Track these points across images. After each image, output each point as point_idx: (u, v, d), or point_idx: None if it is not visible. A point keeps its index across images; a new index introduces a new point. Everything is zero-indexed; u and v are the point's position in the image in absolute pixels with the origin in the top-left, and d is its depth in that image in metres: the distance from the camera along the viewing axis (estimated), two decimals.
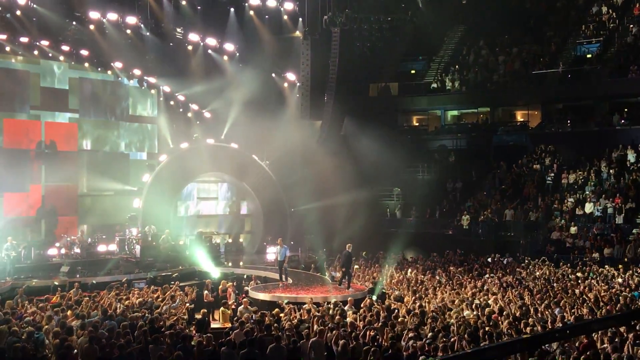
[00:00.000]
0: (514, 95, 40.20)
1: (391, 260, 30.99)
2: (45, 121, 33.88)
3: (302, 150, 34.54)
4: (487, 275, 25.71)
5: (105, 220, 34.65)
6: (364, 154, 34.90)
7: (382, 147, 34.08)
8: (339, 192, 33.60)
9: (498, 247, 32.08)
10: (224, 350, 14.33)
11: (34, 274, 25.46)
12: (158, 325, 16.70)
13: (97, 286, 22.91)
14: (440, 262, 30.11)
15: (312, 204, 34.86)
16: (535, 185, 35.21)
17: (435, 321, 16.56)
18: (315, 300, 20.26)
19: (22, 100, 33.01)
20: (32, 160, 32.92)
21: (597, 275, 24.56)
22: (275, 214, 35.56)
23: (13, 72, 32.69)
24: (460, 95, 41.21)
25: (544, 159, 36.66)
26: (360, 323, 16.76)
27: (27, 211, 32.93)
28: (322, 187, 34.66)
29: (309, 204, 34.97)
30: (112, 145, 36.35)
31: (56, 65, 34.07)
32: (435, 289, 22.91)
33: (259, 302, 21.37)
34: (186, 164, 33.67)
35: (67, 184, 34.22)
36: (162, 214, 32.57)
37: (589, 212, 31.89)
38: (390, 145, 34.64)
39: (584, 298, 19.74)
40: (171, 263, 28.02)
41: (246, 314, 18.07)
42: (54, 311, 17.56)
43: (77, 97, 34.79)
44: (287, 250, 24.30)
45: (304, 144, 34.54)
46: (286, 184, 35.67)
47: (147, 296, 20.65)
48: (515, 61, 40.34)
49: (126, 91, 36.69)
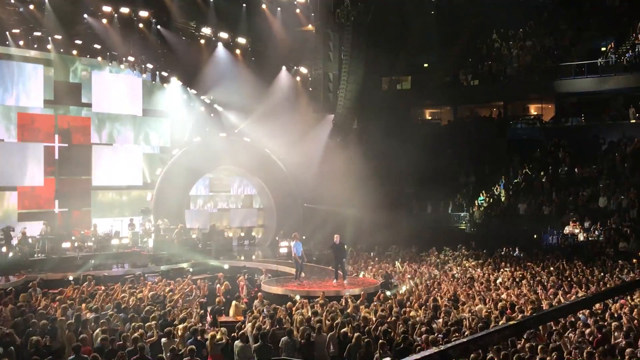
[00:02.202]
0: (527, 89, 39.93)
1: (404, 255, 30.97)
2: (58, 115, 34.03)
3: (315, 144, 34.49)
4: (501, 270, 25.62)
5: (119, 213, 34.81)
6: (376, 147, 34.82)
7: (394, 141, 33.98)
8: (351, 185, 33.55)
9: (511, 241, 31.95)
10: (237, 343, 14.36)
11: (48, 267, 25.59)
12: (170, 318, 16.76)
13: (110, 279, 22.99)
14: (453, 256, 30.06)
15: (325, 198, 34.86)
16: (549, 179, 35.03)
17: (448, 315, 16.52)
18: (327, 294, 20.26)
19: (35, 94, 33.15)
20: (45, 153, 33.07)
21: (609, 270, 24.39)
22: (288, 208, 35.59)
23: (26, 66, 32.82)
24: (473, 88, 41.00)
25: (558, 153, 36.45)
26: (373, 317, 16.73)
27: (41, 204, 33.14)
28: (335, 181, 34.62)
29: (322, 198, 34.97)
30: (125, 138, 36.46)
31: (69, 59, 34.19)
32: (448, 283, 22.86)
33: (271, 296, 21.39)
34: (199, 157, 33.73)
35: (81, 178, 34.38)
36: (175, 207, 32.68)
37: (603, 206, 31.68)
38: (402, 138, 34.53)
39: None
40: (184, 256, 28.09)
41: (259, 308, 18.08)
42: (68, 304, 17.65)
43: (90, 91, 34.92)
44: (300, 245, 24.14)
45: (317, 137, 34.50)
46: (299, 178, 35.67)
47: (159, 290, 20.70)
48: (529, 54, 40.08)
49: (139, 85, 36.77)
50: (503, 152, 38.52)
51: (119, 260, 27.21)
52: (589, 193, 32.70)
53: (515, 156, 37.77)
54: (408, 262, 28.88)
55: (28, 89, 32.85)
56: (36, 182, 32.65)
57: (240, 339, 14.56)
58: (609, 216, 30.66)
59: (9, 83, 32.31)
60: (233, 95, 35.47)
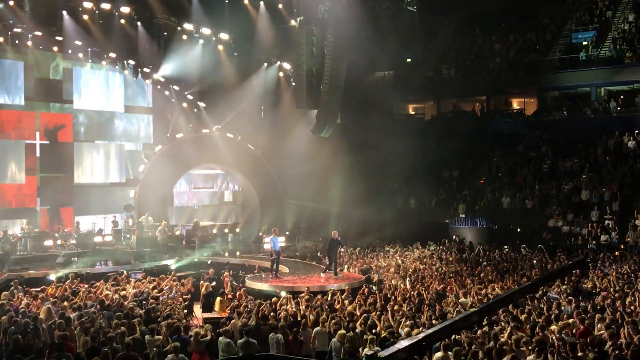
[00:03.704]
0: (510, 83, 40.14)
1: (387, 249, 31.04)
2: (39, 112, 33.77)
3: (298, 140, 34.44)
4: (484, 263, 25.74)
5: (101, 210, 34.61)
6: (360, 142, 34.83)
7: (378, 136, 34.01)
8: (335, 181, 33.56)
9: (494, 235, 32.13)
10: (222, 339, 14.31)
11: (30, 265, 25.40)
12: (154, 315, 16.67)
13: (93, 277, 22.83)
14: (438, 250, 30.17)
15: (309, 193, 34.84)
16: (532, 173, 35.22)
17: (433, 309, 16.55)
18: (312, 289, 20.25)
19: (16, 91, 32.86)
20: (27, 151, 32.81)
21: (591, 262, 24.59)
22: (272, 204, 35.54)
23: (6, 63, 32.53)
24: (456, 83, 41.13)
25: (540, 147, 36.64)
26: (358, 311, 16.73)
27: (22, 202, 32.89)
28: (319, 176, 34.63)
29: (306, 193, 34.95)
30: (107, 135, 36.25)
31: (50, 56, 33.92)
32: (432, 277, 22.92)
33: (256, 291, 21.35)
34: (182, 154, 33.61)
35: (63, 175, 34.15)
36: (158, 204, 32.53)
37: (585, 199, 31.89)
38: (386, 133, 34.56)
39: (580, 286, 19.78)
40: (167, 253, 27.96)
41: (243, 304, 18.03)
42: (51, 302, 17.50)
43: (72, 88, 34.67)
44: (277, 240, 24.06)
45: (300, 133, 34.43)
46: (283, 174, 35.61)
47: (143, 287, 20.59)
48: (511, 49, 40.25)
49: (121, 81, 36.55)
50: (486, 147, 38.66)
51: (102, 258, 27.02)
52: (572, 186, 32.90)
53: (498, 150, 37.94)
54: (392, 256, 28.93)
55: (8, 86, 32.57)
56: (17, 180, 32.38)
57: (225, 335, 14.50)
58: (591, 209, 30.89)
59: None
60: (216, 91, 35.34)
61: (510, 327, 13.65)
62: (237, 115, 34.88)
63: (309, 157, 34.86)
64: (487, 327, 14.12)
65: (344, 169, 33.66)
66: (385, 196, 37.16)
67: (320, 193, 34.51)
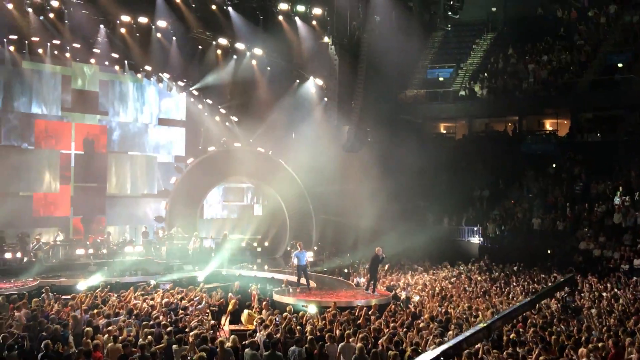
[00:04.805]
0: (543, 104, 39.80)
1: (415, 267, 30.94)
2: (75, 123, 34.35)
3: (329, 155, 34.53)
4: (514, 283, 25.52)
5: (133, 221, 34.99)
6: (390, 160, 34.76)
7: (408, 154, 33.93)
8: (365, 197, 33.52)
9: (525, 256, 31.79)
10: (247, 351, 14.37)
11: (61, 273, 25.73)
12: (182, 325, 16.81)
13: (123, 286, 23.08)
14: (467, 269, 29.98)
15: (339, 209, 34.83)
16: (563, 194, 34.87)
17: (460, 328, 16.45)
18: (339, 304, 20.24)
19: (53, 101, 33.50)
20: (62, 161, 33.34)
21: (624, 285, 24.25)
22: (301, 218, 35.57)
23: (45, 74, 33.19)
24: (489, 103, 40.95)
25: (573, 169, 36.28)
26: (385, 329, 16.69)
27: (56, 211, 33.40)
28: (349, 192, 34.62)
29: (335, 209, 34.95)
30: (140, 147, 36.73)
31: (87, 68, 34.57)
32: (460, 296, 22.79)
33: (283, 305, 21.37)
34: (213, 167, 33.88)
35: (96, 185, 34.62)
36: (189, 216, 32.80)
37: (617, 222, 31.47)
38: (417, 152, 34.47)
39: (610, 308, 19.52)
40: (197, 265, 28.13)
41: (270, 317, 18.09)
42: (81, 310, 17.73)
43: (107, 100, 35.26)
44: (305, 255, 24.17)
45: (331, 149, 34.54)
46: (313, 189, 35.66)
47: (172, 297, 20.75)
48: (545, 69, 40.02)
49: (155, 94, 37.07)
50: (517, 167, 38.37)
51: (132, 268, 27.28)
52: (604, 209, 32.50)
53: (530, 171, 37.63)
54: (420, 274, 28.82)
55: (46, 96, 33.22)
56: (52, 189, 32.89)
57: (251, 346, 14.56)
58: (624, 232, 30.48)
59: (27, 91, 32.69)
60: (248, 106, 35.63)
61: (539, 349, 13.53)
62: (269, 129, 35.11)
63: (339, 173, 34.88)
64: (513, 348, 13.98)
65: (373, 186, 33.61)
66: (415, 214, 37.02)
67: (349, 209, 34.47)
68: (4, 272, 25.17)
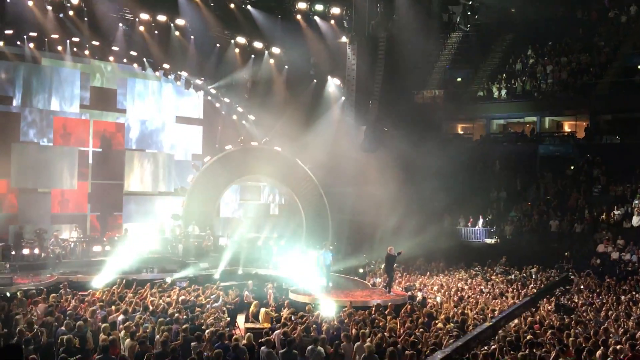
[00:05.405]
0: (561, 105, 39.59)
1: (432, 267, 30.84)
2: (93, 120, 34.54)
3: (346, 155, 34.49)
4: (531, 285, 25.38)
5: (149, 219, 35.10)
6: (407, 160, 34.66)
7: (426, 154, 33.82)
8: (382, 197, 33.42)
9: (542, 258, 31.58)
10: (263, 349, 14.37)
11: (78, 270, 25.84)
12: (198, 323, 16.84)
13: (140, 283, 23.14)
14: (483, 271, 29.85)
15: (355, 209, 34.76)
16: (582, 197, 34.63)
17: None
18: (354, 304, 20.21)
19: (72, 98, 33.70)
20: (80, 157, 33.50)
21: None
22: (318, 217, 35.52)
23: (64, 71, 33.39)
24: (507, 103, 40.74)
25: (591, 171, 36.02)
26: (401, 328, 16.65)
27: (73, 208, 33.58)
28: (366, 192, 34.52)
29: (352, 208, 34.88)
30: (157, 145, 36.86)
31: (106, 65, 34.72)
32: (476, 298, 22.69)
33: (299, 304, 21.37)
34: (230, 165, 33.88)
35: (113, 182, 34.78)
36: (205, 214, 32.84)
37: (636, 225, 31.21)
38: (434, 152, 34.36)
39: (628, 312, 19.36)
40: (212, 263, 28.16)
41: (286, 315, 18.09)
42: (98, 306, 17.80)
43: (125, 97, 35.42)
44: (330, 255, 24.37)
45: (348, 148, 34.50)
46: (329, 189, 35.59)
47: (188, 295, 20.79)
48: (564, 70, 39.74)
49: (173, 92, 37.20)
50: (535, 168, 38.16)
51: (148, 265, 27.32)
52: (623, 212, 32.25)
53: (547, 172, 37.39)
54: (436, 275, 28.74)
55: (64, 93, 33.41)
56: (69, 185, 33.06)
57: (267, 344, 14.57)
58: None
59: (46, 87, 32.90)
60: (265, 104, 35.66)
61: (556, 351, 13.42)
62: (286, 128, 35.10)
63: (356, 173, 34.84)
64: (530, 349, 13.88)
65: (390, 186, 33.51)
66: (432, 215, 36.86)
67: (365, 209, 34.38)
68: (22, 267, 25.29)
